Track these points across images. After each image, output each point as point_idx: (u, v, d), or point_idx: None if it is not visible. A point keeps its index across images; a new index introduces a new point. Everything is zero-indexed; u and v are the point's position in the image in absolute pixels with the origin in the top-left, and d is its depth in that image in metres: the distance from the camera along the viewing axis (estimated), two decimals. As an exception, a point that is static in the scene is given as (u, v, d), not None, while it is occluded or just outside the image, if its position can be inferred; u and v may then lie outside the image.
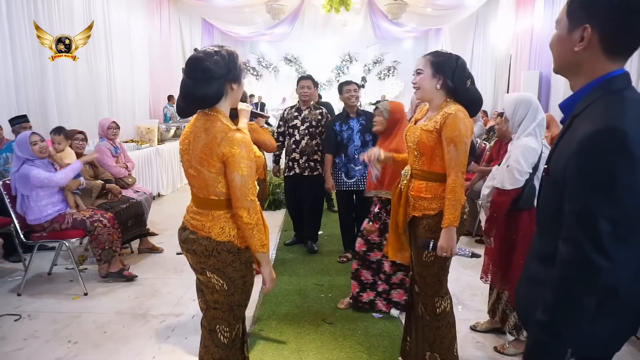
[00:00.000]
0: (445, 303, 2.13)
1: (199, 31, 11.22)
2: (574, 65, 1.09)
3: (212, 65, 1.55)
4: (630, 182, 0.93)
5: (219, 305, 1.71)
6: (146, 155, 6.08)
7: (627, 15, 0.99)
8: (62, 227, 3.34)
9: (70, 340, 2.68)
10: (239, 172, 1.55)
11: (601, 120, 0.97)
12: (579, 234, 0.97)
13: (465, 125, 1.93)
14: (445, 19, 11.54)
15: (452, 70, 1.98)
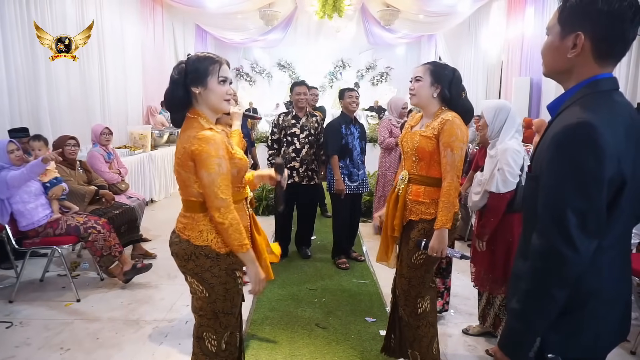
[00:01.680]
0: (427, 303, 2.19)
1: (192, 37, 11.23)
2: (565, 71, 1.13)
3: (174, 72, 1.66)
4: (599, 175, 0.97)
5: (203, 312, 1.70)
6: (139, 160, 6.07)
7: (618, 23, 1.03)
8: (55, 233, 3.33)
9: (62, 347, 2.66)
10: (206, 170, 1.54)
11: (575, 115, 1.01)
12: (549, 225, 1.01)
13: (462, 131, 2.02)
14: (437, 25, 11.65)
15: (449, 80, 2.09)
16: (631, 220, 1.14)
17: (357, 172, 4.03)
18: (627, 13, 1.01)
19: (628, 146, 1.01)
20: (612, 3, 1.01)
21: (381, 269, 3.93)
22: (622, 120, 1.03)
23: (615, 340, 1.15)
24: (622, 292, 1.13)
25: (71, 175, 3.82)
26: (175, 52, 10.09)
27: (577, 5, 1.06)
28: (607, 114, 1.01)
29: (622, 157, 0.99)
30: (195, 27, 11.33)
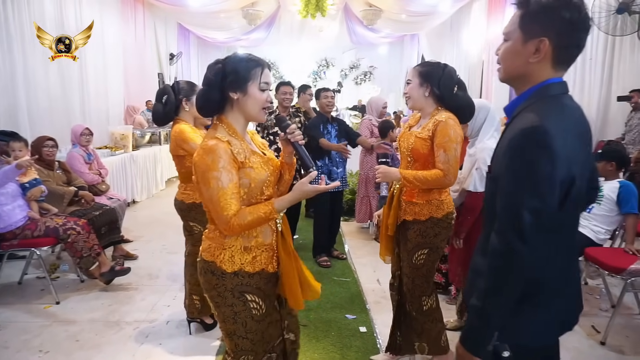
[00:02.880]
0: (432, 301, 2.25)
1: (174, 36, 11.15)
2: (523, 76, 1.16)
3: (209, 73, 1.51)
4: (552, 177, 1.02)
5: (231, 336, 1.56)
6: (120, 161, 6.01)
7: (577, 32, 1.09)
8: (33, 235, 3.29)
9: (41, 350, 2.64)
10: (204, 184, 1.42)
11: (530, 120, 1.06)
12: (506, 225, 1.07)
13: (455, 132, 2.04)
14: (420, 25, 11.77)
15: (438, 78, 2.10)
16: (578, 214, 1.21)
17: (337, 170, 4.06)
18: (585, 23, 1.08)
19: (576, 148, 1.07)
20: (573, 12, 1.06)
21: (362, 267, 3.99)
22: (572, 123, 1.09)
23: (563, 327, 1.21)
24: (570, 282, 1.19)
25: (49, 177, 3.78)
26: (157, 51, 10.01)
27: (540, 12, 1.09)
28: (559, 118, 1.07)
29: (572, 159, 1.05)
30: (177, 25, 11.25)
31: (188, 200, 2.63)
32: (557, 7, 1.06)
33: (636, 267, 2.66)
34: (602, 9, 5.83)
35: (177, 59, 10.93)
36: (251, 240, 1.52)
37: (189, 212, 2.65)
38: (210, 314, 2.85)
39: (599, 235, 3.04)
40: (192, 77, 12.35)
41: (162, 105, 2.58)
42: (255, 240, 1.53)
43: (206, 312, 2.80)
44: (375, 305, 3.23)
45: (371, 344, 2.70)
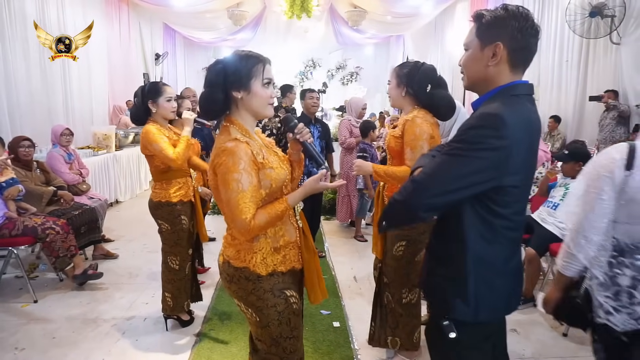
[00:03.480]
0: (412, 295, 2.35)
1: (160, 36, 11.13)
2: (484, 80, 1.29)
3: (210, 74, 1.50)
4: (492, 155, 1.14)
5: (262, 338, 1.54)
6: (103, 161, 6.02)
7: (526, 37, 1.22)
8: (11, 234, 3.31)
9: (17, 347, 2.67)
10: (223, 186, 1.40)
11: (490, 108, 1.19)
12: (422, 175, 1.27)
13: (421, 129, 2.13)
14: (404, 26, 11.90)
15: (412, 77, 2.20)
16: (522, 207, 1.31)
17: (316, 171, 4.11)
18: (532, 29, 1.21)
19: (524, 145, 1.19)
20: (521, 21, 1.20)
21: (340, 265, 4.07)
22: (525, 123, 1.20)
23: (505, 307, 1.32)
24: (510, 264, 1.29)
25: (27, 177, 3.79)
26: (143, 51, 9.99)
27: (493, 21, 1.23)
28: (516, 114, 1.18)
29: (516, 152, 1.16)
30: (163, 25, 11.23)
31: (156, 199, 2.70)
32: (506, 17, 1.21)
33: (596, 261, 2.76)
34: (577, 13, 5.99)
35: (162, 59, 10.91)
36: (279, 240, 1.53)
37: (156, 210, 2.72)
38: (187, 310, 2.91)
39: (564, 231, 3.15)
40: (178, 78, 12.34)
41: (135, 107, 2.69)
42: (283, 239, 1.54)
43: (179, 310, 2.85)
44: (350, 302, 3.31)
45: (343, 338, 2.78)
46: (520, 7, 1.24)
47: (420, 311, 2.42)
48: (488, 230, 1.23)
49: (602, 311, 1.48)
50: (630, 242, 1.46)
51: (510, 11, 1.22)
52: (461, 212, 1.23)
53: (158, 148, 2.55)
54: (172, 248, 2.76)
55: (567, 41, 6.80)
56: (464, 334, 1.27)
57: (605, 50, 6.10)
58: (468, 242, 1.23)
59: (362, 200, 4.72)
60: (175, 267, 2.77)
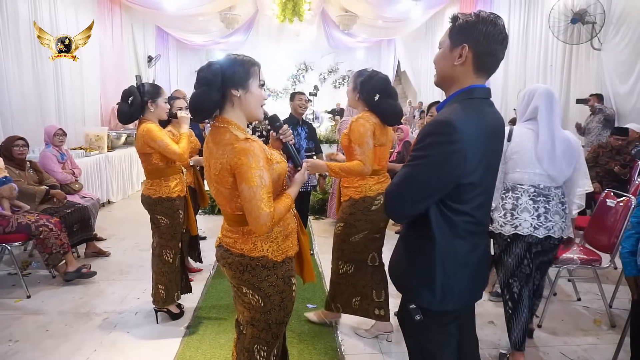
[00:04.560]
0: (347, 267, 2.72)
1: (152, 38, 11.19)
2: (450, 78, 1.39)
3: (207, 73, 1.53)
4: (448, 159, 1.24)
5: (256, 323, 1.64)
6: (95, 162, 6.09)
7: (492, 44, 1.31)
8: (5, 231, 3.39)
9: (11, 340, 2.76)
10: (247, 183, 1.45)
11: (443, 114, 1.30)
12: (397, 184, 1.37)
13: (364, 127, 2.43)
14: (395, 30, 12.08)
15: (364, 85, 2.51)
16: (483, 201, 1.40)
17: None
18: (498, 36, 1.31)
19: (478, 144, 1.28)
20: (488, 26, 1.30)
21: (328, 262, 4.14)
22: (480, 126, 1.30)
23: (469, 296, 1.43)
24: (474, 256, 1.39)
25: (21, 176, 3.87)
26: (135, 53, 10.05)
27: (464, 24, 1.33)
28: (469, 118, 1.28)
29: (470, 153, 1.25)
30: (155, 28, 11.29)
31: (154, 195, 2.80)
32: (475, 22, 1.31)
33: (568, 256, 2.91)
34: (561, 20, 6.17)
35: (155, 62, 10.99)
36: (287, 227, 1.66)
37: (155, 206, 2.81)
38: (176, 303, 3.00)
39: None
40: (170, 80, 12.39)
41: (127, 105, 2.72)
42: (289, 226, 1.68)
43: (170, 302, 2.95)
44: (335, 296, 3.41)
45: (327, 330, 2.89)
46: (493, 14, 1.33)
47: (358, 282, 2.72)
48: (450, 226, 1.32)
49: (497, 225, 2.38)
50: (512, 183, 2.37)
51: (481, 17, 1.31)
52: (428, 210, 1.34)
53: (163, 144, 2.68)
54: (169, 242, 2.87)
55: (551, 46, 6.99)
56: (429, 318, 1.38)
57: (587, 55, 6.29)
58: (435, 237, 1.33)
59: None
60: (169, 260, 2.88)
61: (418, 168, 1.29)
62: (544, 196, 2.29)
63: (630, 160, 4.79)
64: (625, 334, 2.44)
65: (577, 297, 3.35)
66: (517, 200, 2.32)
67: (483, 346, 2.68)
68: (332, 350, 2.66)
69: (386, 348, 2.67)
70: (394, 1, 9.34)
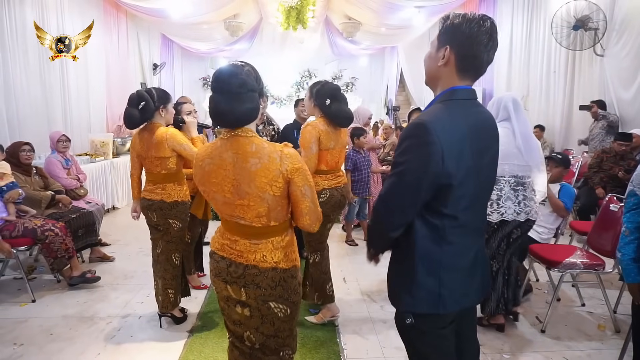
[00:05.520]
0: (314, 256, 2.98)
1: (157, 46, 11.30)
2: (435, 78, 1.41)
3: (247, 77, 1.46)
4: (426, 162, 1.24)
5: (281, 333, 1.60)
6: (100, 168, 6.14)
7: (475, 45, 1.30)
8: (12, 235, 3.42)
9: (15, 343, 2.78)
10: (308, 184, 1.51)
11: (420, 117, 1.30)
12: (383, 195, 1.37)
13: (310, 134, 2.74)
14: (398, 37, 12.12)
15: (317, 93, 2.80)
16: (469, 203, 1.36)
17: None
18: (482, 38, 1.29)
19: (457, 145, 1.26)
20: (472, 28, 1.29)
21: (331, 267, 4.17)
22: (460, 125, 1.28)
23: (458, 301, 1.38)
24: (462, 260, 1.37)
25: (27, 182, 3.91)
26: (141, 61, 10.15)
27: (449, 26, 1.34)
28: (446, 119, 1.28)
29: (447, 154, 1.23)
30: (160, 36, 11.41)
31: (170, 200, 2.81)
32: (460, 23, 1.31)
33: (570, 260, 2.90)
34: (563, 26, 6.19)
35: (160, 69, 11.08)
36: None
37: (170, 210, 2.82)
38: (179, 307, 3.02)
39: (543, 235, 3.29)
40: (175, 87, 12.49)
41: (138, 111, 2.71)
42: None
43: (177, 304, 2.97)
44: (338, 301, 3.39)
45: (330, 335, 2.89)
46: (481, 16, 1.31)
47: (327, 268, 3.02)
48: (432, 230, 1.31)
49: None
50: (499, 175, 2.51)
51: (466, 19, 1.30)
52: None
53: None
54: (177, 245, 2.90)
55: (554, 53, 7.01)
56: (421, 322, 1.38)
57: (590, 61, 6.30)
58: (415, 242, 1.33)
59: (350, 205, 4.85)
60: (177, 263, 2.91)
61: (400, 176, 1.29)
62: (521, 185, 2.62)
63: (635, 166, 4.77)
64: (629, 339, 2.43)
65: (581, 303, 3.33)
66: (500, 191, 2.61)
67: (486, 351, 2.68)
68: (335, 354, 2.67)
69: (389, 352, 2.67)
70: (397, 9, 9.39)
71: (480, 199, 1.41)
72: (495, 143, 1.44)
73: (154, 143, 2.73)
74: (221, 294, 1.63)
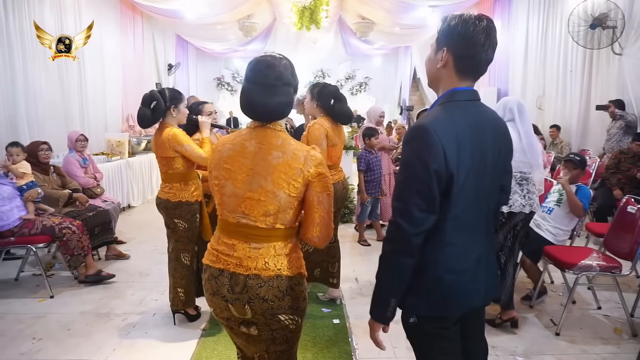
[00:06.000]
0: (309, 246, 3.00)
1: (172, 47, 11.45)
2: (436, 80, 1.40)
3: (284, 70, 1.40)
4: (428, 164, 1.21)
5: (293, 344, 1.51)
6: (117, 167, 6.24)
7: (471, 45, 1.28)
8: (31, 233, 3.50)
9: (34, 337, 2.85)
10: (328, 192, 1.41)
11: (421, 120, 1.29)
12: (396, 204, 1.29)
13: (319, 132, 2.95)
14: (411, 37, 12.08)
15: (321, 94, 3.05)
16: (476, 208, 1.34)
17: None
18: (479, 38, 1.27)
19: (457, 145, 1.24)
20: (468, 28, 1.27)
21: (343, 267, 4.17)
22: (460, 126, 1.27)
23: (460, 303, 1.36)
24: (464, 265, 1.34)
25: (45, 181, 4.00)
26: (156, 62, 10.30)
27: (445, 28, 1.33)
28: (446, 120, 1.27)
29: (450, 155, 1.22)
30: (175, 37, 11.55)
31: (174, 199, 2.84)
32: (456, 24, 1.29)
33: (586, 262, 2.86)
34: (580, 25, 6.10)
35: (175, 69, 11.22)
36: None
37: (175, 210, 2.85)
38: (194, 305, 3.05)
39: (558, 237, 3.25)
40: (189, 87, 12.64)
41: (150, 110, 2.76)
42: None
43: (190, 304, 3.00)
44: (350, 301, 3.43)
45: (342, 334, 2.90)
46: (478, 16, 1.29)
47: (317, 256, 3.24)
48: (434, 232, 1.28)
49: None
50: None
51: (462, 20, 1.27)
52: None
53: (189, 149, 2.74)
54: (186, 245, 2.92)
55: (571, 52, 6.91)
56: (424, 322, 1.36)
57: (608, 60, 6.19)
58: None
59: (363, 205, 4.85)
60: (187, 262, 2.93)
61: (410, 181, 1.26)
62: (525, 180, 2.78)
63: (653, 167, 4.69)
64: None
65: (597, 305, 3.28)
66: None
67: (499, 352, 2.66)
68: (347, 354, 2.67)
69: (400, 352, 2.67)
70: (411, 8, 9.36)
71: (484, 200, 1.37)
72: (502, 142, 1.40)
73: (159, 143, 2.78)
74: (221, 316, 1.47)
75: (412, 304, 1.35)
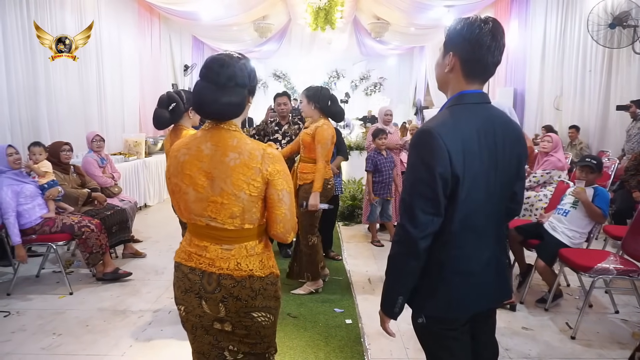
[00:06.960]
0: (314, 239, 3.45)
1: (189, 48, 11.57)
2: (445, 84, 1.41)
3: (239, 71, 1.39)
4: (433, 167, 1.22)
5: (267, 339, 1.52)
6: (133, 167, 6.35)
7: (476, 48, 1.28)
8: (51, 231, 3.60)
9: (54, 333, 2.92)
10: (288, 188, 1.43)
11: (426, 124, 1.30)
12: (402, 208, 1.30)
13: (327, 133, 3.26)
14: (426, 37, 12.00)
15: (318, 96, 3.32)
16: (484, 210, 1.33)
17: None
18: (485, 40, 1.27)
19: (464, 147, 1.24)
20: (473, 31, 1.27)
21: (356, 267, 4.20)
22: (467, 129, 1.27)
23: (468, 305, 1.36)
24: (472, 268, 1.34)
25: (65, 180, 4.10)
26: (172, 63, 10.42)
27: (452, 32, 1.34)
28: (452, 122, 1.27)
29: (455, 158, 1.22)
30: (191, 38, 11.68)
31: None
32: (461, 28, 1.30)
33: (603, 266, 2.82)
34: (601, 24, 6.00)
35: (191, 70, 11.34)
36: None
37: None
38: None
39: (574, 240, 3.19)
40: (205, 88, 12.74)
41: (168, 112, 2.79)
42: None
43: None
44: (363, 301, 3.43)
45: (354, 334, 2.91)
46: (482, 19, 1.28)
47: (321, 249, 3.55)
48: (441, 234, 1.28)
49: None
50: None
51: (467, 23, 1.28)
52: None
53: None
54: None
55: (590, 51, 6.79)
56: (432, 323, 1.38)
57: (628, 60, 6.08)
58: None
59: (372, 206, 4.85)
60: None
61: (418, 184, 1.26)
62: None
63: (674, 169, 4.58)
64: (664, 348, 2.34)
65: (615, 310, 3.23)
66: None
67: (512, 355, 2.64)
68: (359, 354, 2.68)
69: (413, 354, 2.67)
70: (426, 8, 9.30)
71: (495, 203, 1.36)
72: (514, 146, 1.38)
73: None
74: (193, 313, 1.46)
75: (420, 304, 1.37)
